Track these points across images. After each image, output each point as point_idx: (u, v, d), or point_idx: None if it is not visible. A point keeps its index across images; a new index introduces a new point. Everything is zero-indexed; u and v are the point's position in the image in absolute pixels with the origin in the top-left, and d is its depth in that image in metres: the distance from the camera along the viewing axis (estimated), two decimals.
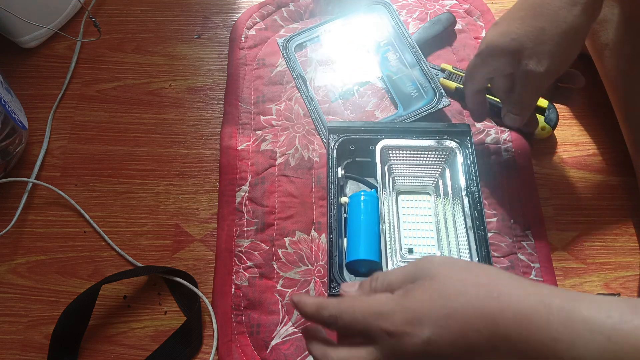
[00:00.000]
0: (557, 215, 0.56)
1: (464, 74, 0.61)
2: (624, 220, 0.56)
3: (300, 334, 0.50)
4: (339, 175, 0.53)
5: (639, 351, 0.28)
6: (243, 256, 0.54)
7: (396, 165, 0.55)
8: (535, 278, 0.53)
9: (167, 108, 0.63)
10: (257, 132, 0.60)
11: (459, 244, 0.50)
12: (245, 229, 0.55)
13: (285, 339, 0.50)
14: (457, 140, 0.53)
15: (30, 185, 0.58)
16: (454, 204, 0.52)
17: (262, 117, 0.61)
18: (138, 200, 0.57)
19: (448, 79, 0.61)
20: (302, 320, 0.50)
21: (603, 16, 0.53)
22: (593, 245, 0.55)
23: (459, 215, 0.51)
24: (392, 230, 0.50)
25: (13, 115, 0.55)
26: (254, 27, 0.67)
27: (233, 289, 0.52)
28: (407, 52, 0.62)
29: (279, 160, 0.58)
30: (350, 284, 0.38)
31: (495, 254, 0.53)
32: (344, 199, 0.52)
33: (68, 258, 0.55)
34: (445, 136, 0.54)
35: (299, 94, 0.62)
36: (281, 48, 0.64)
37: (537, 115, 0.58)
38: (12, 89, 0.59)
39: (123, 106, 0.63)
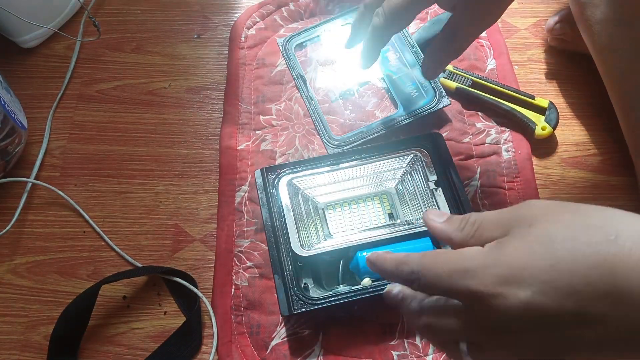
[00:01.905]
0: None
1: (464, 73, 0.61)
2: None
3: (300, 335, 0.50)
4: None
5: None
6: (243, 256, 0.54)
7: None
8: None
9: (167, 108, 0.63)
10: (257, 132, 0.60)
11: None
12: (245, 229, 0.55)
13: (285, 339, 0.50)
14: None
15: (29, 185, 0.57)
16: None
17: (261, 117, 0.61)
18: (137, 201, 0.57)
19: (448, 79, 0.61)
20: (303, 321, 0.50)
21: (603, 16, 0.53)
22: None
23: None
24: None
25: (12, 115, 0.55)
26: (254, 27, 0.66)
27: (233, 289, 0.52)
28: (407, 52, 0.62)
29: (278, 160, 0.58)
30: (438, 213, 0.33)
31: None
32: (366, 281, 0.49)
33: (67, 258, 0.55)
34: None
35: (299, 93, 0.62)
36: (281, 48, 0.64)
37: (538, 115, 0.58)
38: (11, 88, 0.59)
39: (122, 106, 0.63)
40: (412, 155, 0.54)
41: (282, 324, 0.50)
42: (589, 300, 0.24)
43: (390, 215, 0.54)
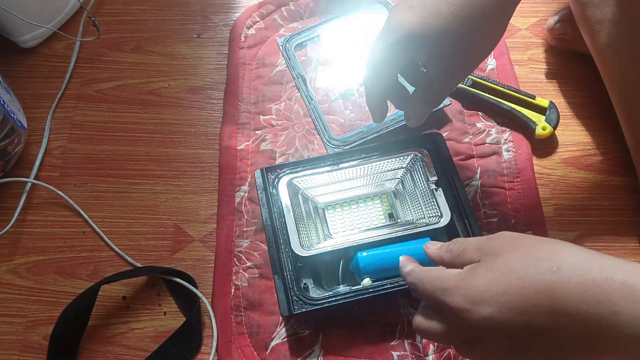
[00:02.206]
0: (558, 216, 0.56)
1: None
2: (625, 220, 0.56)
3: (300, 335, 0.50)
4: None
5: None
6: (243, 256, 0.54)
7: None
8: None
9: (167, 108, 0.63)
10: (257, 132, 0.60)
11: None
12: (245, 229, 0.55)
13: (285, 339, 0.50)
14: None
15: (29, 185, 0.57)
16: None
17: (261, 117, 0.61)
18: (137, 201, 0.57)
19: None
20: (303, 321, 0.50)
21: (603, 16, 0.53)
22: (594, 246, 0.55)
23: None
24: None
25: (12, 115, 0.55)
26: (254, 27, 0.66)
27: (233, 290, 0.52)
28: None
29: (278, 160, 0.58)
30: (434, 243, 0.40)
31: None
32: (366, 281, 0.49)
33: (67, 258, 0.55)
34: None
35: (299, 93, 0.62)
36: (281, 47, 0.64)
37: (538, 114, 0.58)
38: (11, 88, 0.59)
39: (122, 106, 0.63)
40: (412, 155, 0.54)
41: (282, 324, 0.50)
42: (536, 317, 0.31)
43: (390, 215, 0.54)
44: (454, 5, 0.40)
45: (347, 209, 0.54)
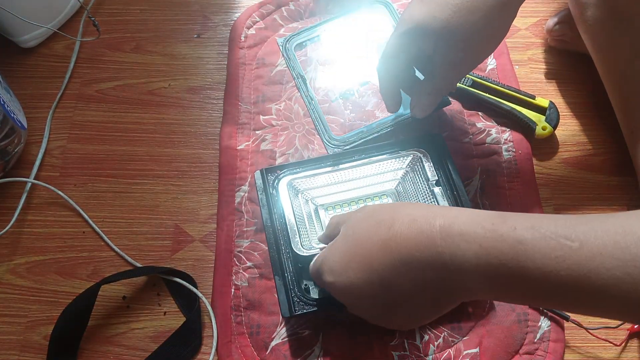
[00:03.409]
0: None
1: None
2: None
3: (300, 335, 0.50)
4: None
5: (503, 253, 0.32)
6: (243, 256, 0.54)
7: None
8: None
9: (167, 108, 0.63)
10: (257, 132, 0.60)
11: None
12: (245, 229, 0.55)
13: (285, 339, 0.50)
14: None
15: (29, 185, 0.57)
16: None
17: (261, 117, 0.61)
18: (137, 201, 0.57)
19: None
20: (303, 321, 0.50)
21: (602, 17, 0.53)
22: None
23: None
24: None
25: (12, 115, 0.55)
26: (254, 27, 0.66)
27: (233, 290, 0.52)
28: None
29: (278, 160, 0.58)
30: (321, 235, 0.46)
31: None
32: None
33: (67, 258, 0.55)
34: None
35: (299, 93, 0.62)
36: (281, 47, 0.64)
37: (538, 114, 0.58)
38: (11, 88, 0.59)
39: (122, 106, 0.63)
40: (412, 155, 0.54)
41: (282, 324, 0.50)
42: (383, 272, 0.36)
43: None
44: None
45: (347, 210, 0.54)
